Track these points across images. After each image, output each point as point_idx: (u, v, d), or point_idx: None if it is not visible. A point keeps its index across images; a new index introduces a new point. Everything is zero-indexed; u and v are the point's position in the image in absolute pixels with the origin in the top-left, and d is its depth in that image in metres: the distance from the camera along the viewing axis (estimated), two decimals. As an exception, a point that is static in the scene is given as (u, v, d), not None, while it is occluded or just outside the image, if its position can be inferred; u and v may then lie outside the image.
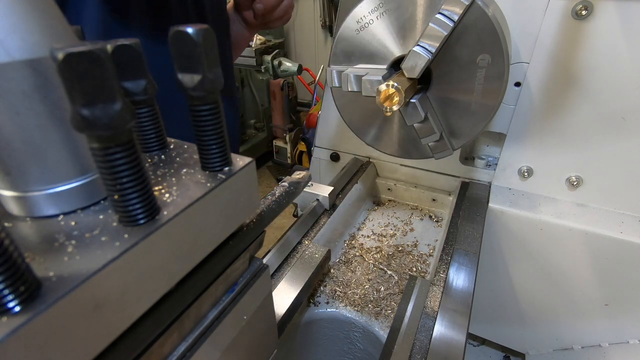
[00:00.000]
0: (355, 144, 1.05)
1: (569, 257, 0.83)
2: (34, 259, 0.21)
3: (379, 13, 0.66)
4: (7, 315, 0.17)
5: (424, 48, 0.60)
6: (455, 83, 0.66)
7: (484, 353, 1.14)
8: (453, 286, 0.62)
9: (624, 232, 0.76)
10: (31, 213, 0.24)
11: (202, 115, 0.27)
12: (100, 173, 0.21)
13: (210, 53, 0.25)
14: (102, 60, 0.18)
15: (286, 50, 3.65)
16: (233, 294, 0.34)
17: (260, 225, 0.36)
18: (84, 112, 0.18)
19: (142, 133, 0.32)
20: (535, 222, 0.82)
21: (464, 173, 0.95)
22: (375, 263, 0.78)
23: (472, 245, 0.70)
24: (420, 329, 0.57)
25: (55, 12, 0.23)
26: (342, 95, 0.78)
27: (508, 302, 0.97)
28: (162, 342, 0.27)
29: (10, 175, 0.23)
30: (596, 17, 0.68)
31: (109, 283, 0.20)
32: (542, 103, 0.79)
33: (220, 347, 0.33)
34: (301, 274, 0.64)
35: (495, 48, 0.61)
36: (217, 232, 0.29)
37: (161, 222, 0.23)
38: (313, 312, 0.68)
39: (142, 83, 0.29)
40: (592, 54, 0.70)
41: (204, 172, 0.29)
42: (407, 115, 0.69)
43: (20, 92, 0.21)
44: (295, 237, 0.75)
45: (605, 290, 0.83)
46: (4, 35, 0.20)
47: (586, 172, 0.81)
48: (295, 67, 2.72)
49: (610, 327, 0.87)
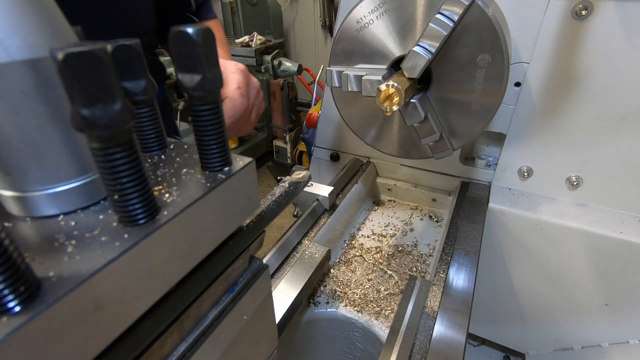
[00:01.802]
0: (355, 144, 1.05)
1: (569, 257, 0.83)
2: (34, 259, 0.21)
3: (379, 13, 0.66)
4: (7, 315, 0.17)
5: (424, 48, 0.60)
6: (455, 83, 0.66)
7: (484, 353, 1.15)
8: (453, 286, 0.62)
9: (624, 232, 0.76)
10: (31, 213, 0.24)
11: (202, 115, 0.27)
12: (100, 173, 0.21)
13: (210, 53, 0.25)
14: (102, 60, 0.18)
15: (286, 50, 3.66)
16: (233, 294, 0.34)
17: (260, 225, 0.36)
18: (84, 112, 0.18)
19: (142, 133, 0.32)
20: (535, 222, 0.82)
21: (464, 173, 0.95)
22: (375, 263, 0.78)
23: (472, 245, 0.70)
24: (420, 329, 0.57)
25: (55, 12, 0.23)
26: (342, 95, 0.78)
27: (508, 302, 0.97)
28: (162, 342, 0.27)
29: (10, 175, 0.23)
30: (596, 17, 0.68)
31: (109, 283, 0.20)
32: (542, 103, 0.79)
33: (220, 347, 0.33)
34: (301, 274, 0.64)
35: (495, 48, 0.61)
36: (217, 232, 0.29)
37: (161, 222, 0.23)
38: (313, 312, 0.68)
39: (142, 83, 0.29)
40: (592, 54, 0.71)
41: (204, 172, 0.29)
42: (407, 115, 0.69)
43: (20, 92, 0.21)
44: (295, 237, 0.75)
45: (605, 290, 0.83)
46: (4, 35, 0.20)
47: (586, 172, 0.81)
48: (295, 67, 2.72)
49: (610, 327, 0.87)
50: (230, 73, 0.65)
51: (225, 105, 0.62)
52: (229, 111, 0.63)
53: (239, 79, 0.64)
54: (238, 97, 0.63)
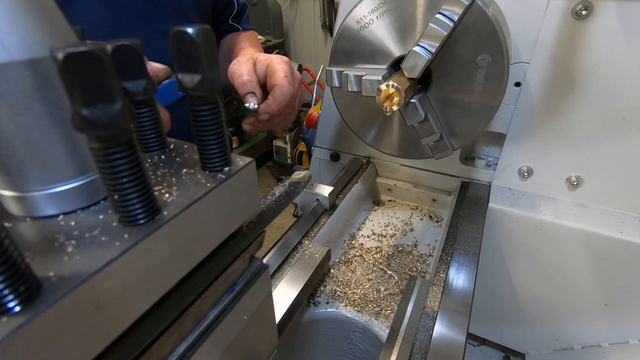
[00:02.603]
0: (355, 144, 1.05)
1: (569, 257, 0.83)
2: (34, 259, 0.21)
3: (379, 13, 0.66)
4: (7, 315, 0.17)
5: (424, 48, 0.60)
6: (455, 83, 0.66)
7: (484, 353, 1.14)
8: (453, 286, 0.62)
9: (624, 232, 0.76)
10: (31, 213, 0.24)
11: (202, 115, 0.27)
12: (100, 173, 0.21)
13: (210, 53, 0.25)
14: (102, 60, 0.18)
15: (286, 50, 3.65)
16: (233, 294, 0.34)
17: (260, 225, 0.36)
18: (84, 112, 0.18)
19: (142, 133, 0.32)
20: (535, 222, 0.82)
21: (464, 173, 0.95)
22: (375, 263, 0.78)
23: (472, 245, 0.70)
24: (420, 329, 0.57)
25: (55, 12, 0.23)
26: (342, 95, 0.78)
27: (508, 302, 0.97)
28: (162, 342, 0.27)
29: (10, 175, 0.23)
30: (596, 17, 0.68)
31: (109, 283, 0.20)
32: (542, 103, 0.79)
33: (220, 347, 0.33)
34: (301, 274, 0.64)
35: (495, 48, 0.61)
36: (217, 232, 0.29)
37: (161, 222, 0.23)
38: (313, 312, 0.68)
39: (142, 83, 0.29)
40: (592, 54, 0.71)
41: (204, 172, 0.29)
42: (407, 115, 0.69)
43: (20, 92, 0.21)
44: (295, 237, 0.75)
45: (605, 290, 0.83)
46: (4, 35, 0.20)
47: (586, 172, 0.81)
48: (295, 67, 2.72)
49: (610, 327, 0.87)
50: (277, 64, 0.68)
51: (275, 92, 0.66)
52: (278, 97, 0.66)
53: (285, 68, 0.68)
54: (286, 85, 0.66)
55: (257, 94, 0.66)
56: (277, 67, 0.68)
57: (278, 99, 0.66)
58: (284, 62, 0.70)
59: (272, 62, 0.69)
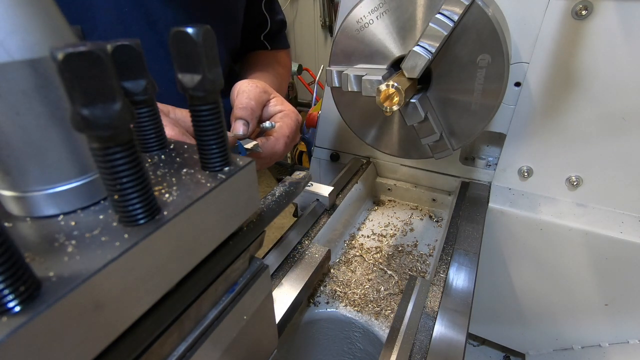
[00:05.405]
0: (355, 144, 1.05)
1: (569, 257, 0.83)
2: (34, 259, 0.21)
3: (379, 13, 0.66)
4: (7, 315, 0.17)
5: (424, 48, 0.60)
6: (455, 83, 0.66)
7: (484, 353, 1.14)
8: (453, 286, 0.62)
9: (624, 232, 0.76)
10: (31, 213, 0.24)
11: (202, 115, 0.27)
12: (100, 173, 0.21)
13: (210, 53, 0.25)
14: (102, 60, 0.18)
15: (286, 50, 3.65)
16: (233, 294, 0.34)
17: (260, 225, 0.36)
18: (84, 112, 0.18)
19: (142, 133, 0.32)
20: (535, 222, 0.82)
21: (464, 173, 0.95)
22: (375, 263, 0.78)
23: (472, 245, 0.70)
24: (420, 329, 0.57)
25: (55, 12, 0.23)
26: (342, 95, 0.78)
27: (508, 302, 0.97)
28: (162, 342, 0.27)
29: (10, 175, 0.23)
30: (596, 17, 0.68)
31: (109, 283, 0.20)
32: (542, 103, 0.79)
33: (220, 347, 0.33)
34: (301, 274, 0.64)
35: (495, 48, 0.61)
36: (217, 232, 0.29)
37: (161, 222, 0.23)
38: (313, 312, 0.68)
39: (142, 83, 0.29)
40: (592, 54, 0.70)
41: (204, 172, 0.29)
42: (407, 115, 0.69)
43: (20, 92, 0.21)
44: (295, 237, 0.75)
45: (605, 290, 0.83)
46: (4, 35, 0.20)
47: (586, 172, 0.81)
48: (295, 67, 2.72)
49: (610, 327, 0.87)
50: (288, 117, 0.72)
51: (268, 144, 0.68)
52: (291, 124, 0.71)
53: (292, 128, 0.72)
54: (282, 146, 0.70)
55: (250, 126, 0.67)
56: (286, 120, 0.70)
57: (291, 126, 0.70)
58: (296, 120, 0.72)
59: (286, 112, 0.71)
